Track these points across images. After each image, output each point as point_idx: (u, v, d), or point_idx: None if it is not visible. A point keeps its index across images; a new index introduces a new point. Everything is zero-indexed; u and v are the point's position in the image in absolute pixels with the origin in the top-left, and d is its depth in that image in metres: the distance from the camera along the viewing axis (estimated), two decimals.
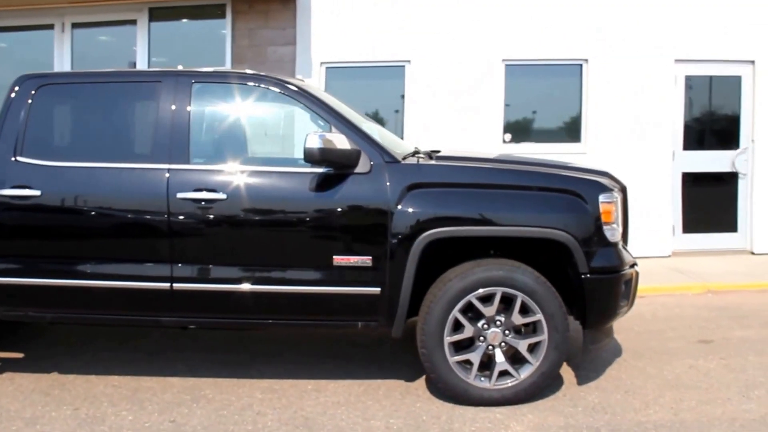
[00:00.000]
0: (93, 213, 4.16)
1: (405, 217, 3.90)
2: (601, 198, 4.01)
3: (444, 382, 3.94)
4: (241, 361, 4.76)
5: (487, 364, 3.97)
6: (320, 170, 3.99)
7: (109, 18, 8.63)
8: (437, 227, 3.90)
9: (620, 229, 4.18)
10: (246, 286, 4.06)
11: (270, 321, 4.23)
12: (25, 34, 8.85)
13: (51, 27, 8.64)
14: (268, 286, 4.05)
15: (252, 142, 4.55)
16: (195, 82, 4.27)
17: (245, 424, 3.78)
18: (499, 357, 3.94)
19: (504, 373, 3.95)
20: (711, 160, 8.49)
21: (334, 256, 3.96)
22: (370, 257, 3.94)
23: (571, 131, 8.43)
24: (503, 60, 8.24)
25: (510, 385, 3.94)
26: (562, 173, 4.24)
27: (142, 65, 8.43)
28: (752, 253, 8.46)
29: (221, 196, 4.02)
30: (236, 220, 4.07)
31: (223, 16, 8.41)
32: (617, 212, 4.12)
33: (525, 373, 3.94)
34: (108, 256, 4.16)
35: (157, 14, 8.53)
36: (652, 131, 8.27)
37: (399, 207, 3.91)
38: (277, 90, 4.27)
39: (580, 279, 3.94)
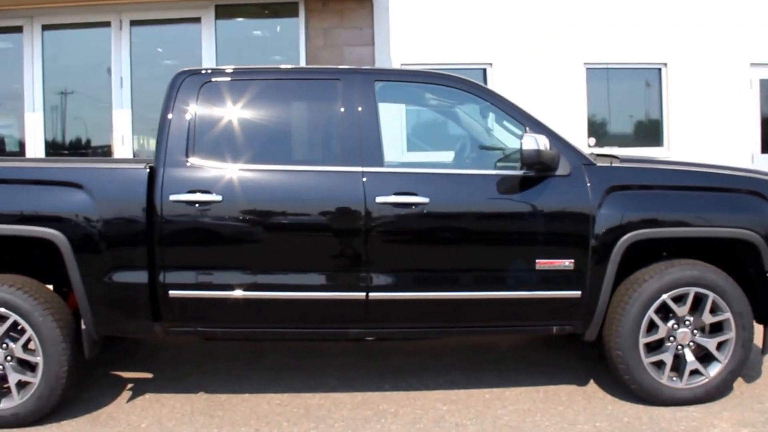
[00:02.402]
0: (280, 219, 4.14)
1: (607, 220, 4.16)
2: None
3: (638, 383, 4.23)
4: (392, 373, 4.84)
5: (675, 364, 4.28)
6: (518, 173, 4.19)
7: (171, 16, 8.72)
8: (638, 229, 4.18)
9: None
10: (448, 294, 4.18)
11: (468, 328, 4.42)
12: (80, 32, 8.88)
13: (108, 24, 8.72)
14: (471, 292, 4.18)
15: (441, 144, 4.66)
16: (377, 80, 4.34)
17: None
18: (689, 356, 4.26)
19: (694, 372, 4.28)
20: None
21: (537, 260, 4.17)
22: (573, 260, 4.17)
23: (652, 134, 8.93)
24: (585, 63, 8.70)
25: (701, 383, 4.26)
26: (744, 174, 4.56)
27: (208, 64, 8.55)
28: None
29: (424, 199, 4.08)
30: (439, 224, 4.17)
31: (295, 14, 8.59)
32: None
33: (714, 371, 4.27)
34: (294, 266, 4.13)
35: (223, 12, 8.65)
36: (731, 134, 8.81)
37: (600, 210, 4.17)
38: (465, 89, 4.43)
39: (765, 277, 4.29)
